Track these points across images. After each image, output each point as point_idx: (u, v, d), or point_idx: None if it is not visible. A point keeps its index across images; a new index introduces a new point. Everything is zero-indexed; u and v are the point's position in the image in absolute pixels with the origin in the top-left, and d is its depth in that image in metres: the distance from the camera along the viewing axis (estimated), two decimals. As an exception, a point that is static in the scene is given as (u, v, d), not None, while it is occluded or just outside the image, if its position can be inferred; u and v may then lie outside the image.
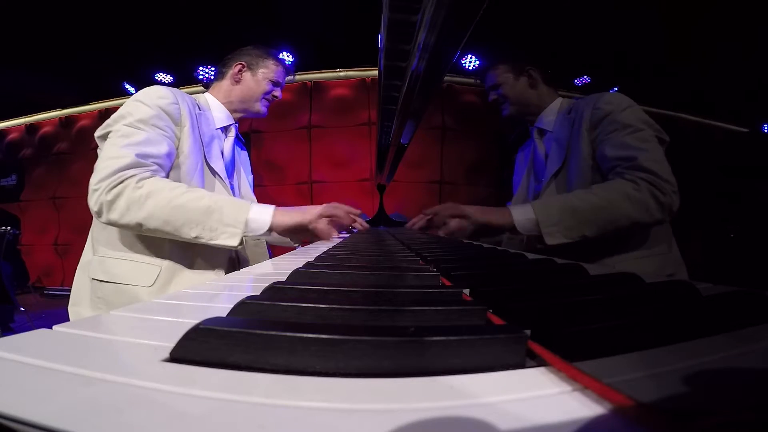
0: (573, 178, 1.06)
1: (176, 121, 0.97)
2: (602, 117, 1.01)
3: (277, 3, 2.62)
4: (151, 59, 3.21)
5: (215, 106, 1.13)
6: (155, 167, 0.89)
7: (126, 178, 0.84)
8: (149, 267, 0.93)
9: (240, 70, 1.14)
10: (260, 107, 1.18)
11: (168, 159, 0.94)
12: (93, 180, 0.86)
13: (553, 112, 1.17)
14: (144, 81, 3.41)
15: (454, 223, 1.00)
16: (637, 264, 0.98)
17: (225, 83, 1.16)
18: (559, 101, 1.18)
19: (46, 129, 4.00)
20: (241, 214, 0.88)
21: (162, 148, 0.91)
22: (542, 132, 1.19)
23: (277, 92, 1.20)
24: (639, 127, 0.98)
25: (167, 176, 0.94)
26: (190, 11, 2.58)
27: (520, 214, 0.94)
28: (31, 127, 4.06)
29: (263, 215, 0.91)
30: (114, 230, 0.95)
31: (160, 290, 0.93)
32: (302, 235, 1.01)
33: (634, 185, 0.90)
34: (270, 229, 0.92)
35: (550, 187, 1.12)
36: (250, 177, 1.30)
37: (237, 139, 1.22)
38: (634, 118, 0.99)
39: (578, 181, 1.05)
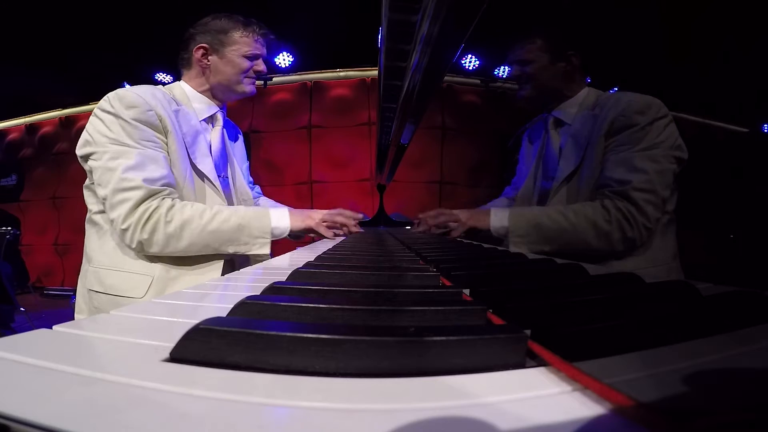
0: (584, 186, 1.01)
1: (158, 129, 0.91)
2: (627, 126, 0.94)
3: (276, 3, 2.62)
4: (150, 59, 3.21)
5: (193, 97, 1.03)
6: (168, 190, 0.89)
7: (151, 212, 0.86)
8: (141, 278, 0.91)
9: (203, 55, 1.01)
10: (245, 87, 1.05)
11: (169, 171, 0.92)
12: (116, 217, 0.85)
13: (576, 103, 1.07)
14: (144, 81, 3.39)
15: (450, 226, 1.09)
16: (624, 266, 0.96)
17: (194, 71, 1.03)
18: (585, 92, 1.07)
19: (46, 129, 4.00)
20: (266, 224, 0.96)
21: (161, 166, 0.89)
22: (558, 123, 1.10)
23: (260, 65, 1.06)
24: (656, 142, 0.92)
25: None
26: (189, 11, 2.57)
27: (497, 220, 1.00)
28: (31, 127, 4.06)
29: (283, 221, 0.99)
30: (105, 241, 0.93)
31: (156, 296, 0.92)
32: (308, 234, 1.10)
33: (606, 215, 0.92)
34: (290, 232, 1.01)
35: (561, 192, 1.05)
36: (245, 165, 1.24)
37: (227, 125, 1.13)
38: (658, 132, 0.93)
39: (589, 191, 1.00)
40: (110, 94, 0.90)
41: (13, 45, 2.78)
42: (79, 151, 0.90)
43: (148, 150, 0.88)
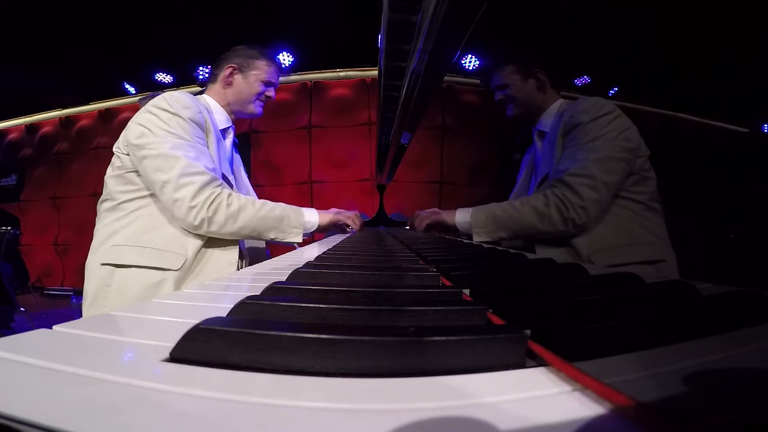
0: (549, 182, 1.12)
1: (204, 129, 1.06)
2: (573, 126, 1.08)
3: (277, 2, 2.62)
4: (150, 59, 3.21)
5: (215, 109, 1.17)
6: (221, 180, 1.03)
7: (217, 195, 0.98)
8: (176, 255, 0.99)
9: (231, 73, 1.17)
10: (254, 108, 1.22)
11: (216, 168, 1.05)
12: (182, 196, 0.95)
13: (552, 114, 1.20)
14: (144, 81, 3.41)
15: (424, 215, 1.23)
16: (610, 253, 1.02)
17: (218, 86, 1.19)
18: (558, 103, 1.21)
19: (46, 129, 3.99)
20: (301, 218, 1.12)
21: (210, 159, 1.03)
22: (542, 134, 1.23)
23: (270, 92, 1.24)
24: (597, 135, 1.03)
25: None
26: (189, 11, 2.58)
27: (461, 216, 1.15)
28: (31, 127, 4.06)
29: (313, 217, 1.15)
30: (141, 224, 1.00)
31: (185, 275, 1.00)
32: (331, 228, 1.25)
33: (545, 200, 1.04)
34: (318, 227, 1.16)
35: (539, 191, 1.17)
36: (245, 175, 1.35)
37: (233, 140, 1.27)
38: (599, 127, 1.04)
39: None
40: (165, 95, 1.03)
41: (13, 45, 2.78)
42: (136, 140, 0.98)
43: (200, 146, 1.02)
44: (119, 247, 0.98)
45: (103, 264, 0.97)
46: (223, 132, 1.18)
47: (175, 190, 0.95)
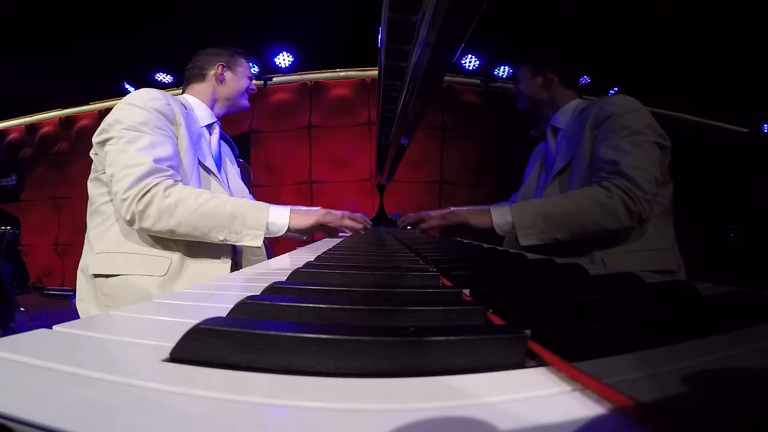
0: (575, 176, 1.10)
1: (172, 122, 1.00)
2: (605, 118, 1.04)
3: (276, 2, 2.62)
4: (150, 59, 3.21)
5: (197, 106, 1.16)
6: (171, 171, 0.94)
7: (152, 187, 0.89)
8: (159, 259, 0.96)
9: (222, 71, 1.18)
10: (245, 102, 1.24)
11: (176, 158, 0.98)
12: (119, 189, 0.89)
13: (569, 111, 1.21)
14: (144, 81, 3.40)
15: (435, 216, 1.10)
16: (629, 257, 1.00)
17: (206, 84, 1.18)
18: (576, 102, 1.22)
19: (46, 129, 3.99)
20: (262, 217, 0.96)
21: (169, 149, 0.95)
22: (556, 130, 1.24)
23: (253, 85, 1.26)
24: (636, 129, 0.99)
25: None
26: (189, 11, 2.58)
27: (499, 216, 1.00)
28: (31, 127, 4.06)
29: (281, 218, 0.98)
30: (110, 228, 0.97)
31: (171, 280, 0.96)
32: (315, 231, 1.11)
33: (607, 193, 0.94)
34: (288, 230, 1.00)
35: (554, 183, 1.16)
36: (237, 169, 1.33)
37: (221, 135, 1.26)
38: (635, 121, 1.00)
39: (579, 180, 1.08)
40: (135, 91, 1.00)
41: (13, 45, 2.77)
42: (97, 137, 0.95)
43: (160, 136, 0.95)
44: (104, 255, 0.96)
45: (95, 275, 0.95)
46: (209, 128, 1.17)
47: (115, 182, 0.90)
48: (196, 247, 0.99)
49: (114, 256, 0.96)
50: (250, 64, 1.25)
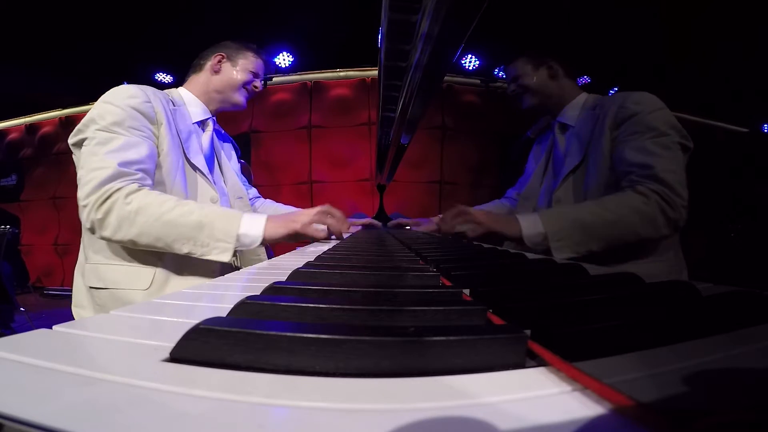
0: (591, 176, 1.04)
1: (152, 120, 0.94)
2: (628, 116, 0.98)
3: (276, 2, 2.62)
4: (150, 59, 3.21)
5: (190, 101, 1.10)
6: (140, 175, 0.87)
7: (113, 193, 0.82)
8: (144, 270, 0.92)
9: (219, 61, 1.12)
10: (239, 97, 1.15)
11: (151, 161, 0.91)
12: (80, 195, 0.84)
13: (577, 107, 1.14)
14: (144, 81, 3.39)
15: (466, 228, 0.98)
16: (637, 268, 0.96)
17: (202, 75, 1.13)
18: (584, 96, 1.16)
19: (46, 129, 4.00)
20: (232, 228, 0.86)
21: (143, 151, 0.89)
22: (564, 127, 1.17)
23: (258, 83, 1.17)
24: (663, 131, 0.94)
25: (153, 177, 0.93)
26: (189, 11, 2.58)
27: (530, 227, 0.91)
28: (31, 127, 4.06)
29: (255, 229, 0.88)
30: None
31: (156, 293, 0.91)
32: (296, 239, 0.99)
33: (644, 199, 0.88)
34: (263, 242, 0.90)
35: (566, 184, 1.10)
36: (237, 165, 1.28)
37: (217, 132, 1.20)
38: (661, 122, 0.96)
39: (595, 181, 1.02)
40: (114, 87, 0.94)
41: (13, 45, 2.78)
42: (72, 138, 0.91)
43: (134, 137, 0.89)
44: (93, 267, 0.93)
45: (90, 288, 0.93)
46: (201, 125, 1.12)
47: (79, 188, 0.84)
48: (184, 262, 0.92)
49: (100, 268, 0.93)
50: (260, 61, 1.18)
